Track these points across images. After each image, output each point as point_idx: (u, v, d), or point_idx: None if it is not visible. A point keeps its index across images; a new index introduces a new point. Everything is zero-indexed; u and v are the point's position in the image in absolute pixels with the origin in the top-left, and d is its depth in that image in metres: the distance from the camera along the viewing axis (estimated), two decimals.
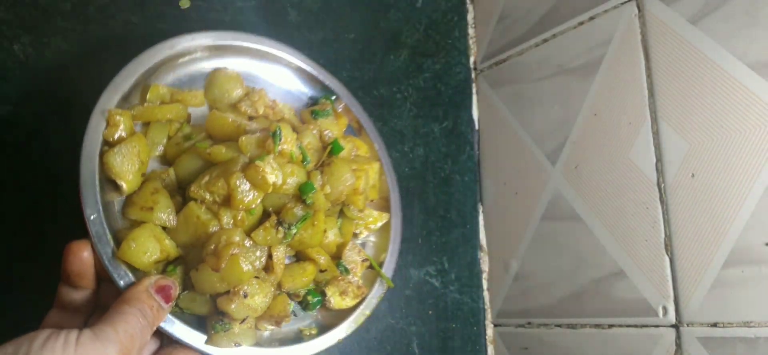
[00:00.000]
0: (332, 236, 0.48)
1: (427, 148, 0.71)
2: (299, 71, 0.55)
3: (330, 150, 0.49)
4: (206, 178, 0.41)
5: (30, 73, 0.49)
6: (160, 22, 0.55)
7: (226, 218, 0.42)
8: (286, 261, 0.45)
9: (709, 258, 0.50)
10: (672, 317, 0.52)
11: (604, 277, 0.58)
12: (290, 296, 0.47)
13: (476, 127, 0.76)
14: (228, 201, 0.41)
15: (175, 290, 0.39)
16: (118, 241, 0.40)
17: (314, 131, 0.50)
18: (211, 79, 0.49)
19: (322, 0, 0.66)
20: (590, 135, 0.61)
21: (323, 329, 0.48)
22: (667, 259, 0.53)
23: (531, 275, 0.66)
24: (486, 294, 0.72)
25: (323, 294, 0.48)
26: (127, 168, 0.41)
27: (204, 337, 0.41)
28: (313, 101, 0.55)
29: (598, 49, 0.61)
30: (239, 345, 0.42)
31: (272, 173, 0.41)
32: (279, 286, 0.45)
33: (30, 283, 0.46)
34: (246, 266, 0.40)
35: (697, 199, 0.51)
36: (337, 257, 0.50)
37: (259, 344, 0.44)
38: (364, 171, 0.49)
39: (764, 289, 0.46)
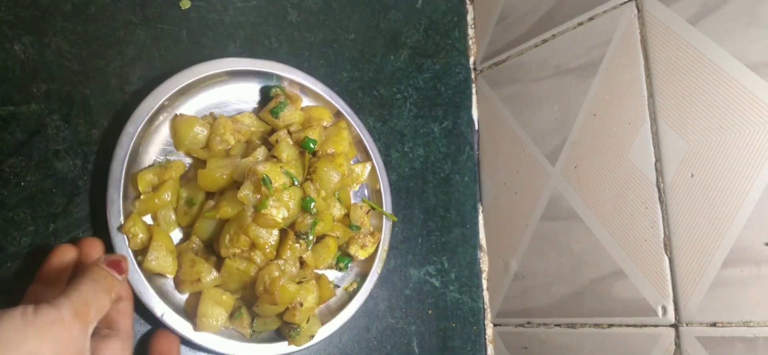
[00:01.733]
0: (337, 213, 0.56)
1: (427, 148, 0.71)
2: (235, 75, 0.56)
3: (308, 152, 0.54)
4: (227, 237, 0.48)
5: (30, 73, 0.49)
6: (161, 22, 0.55)
7: (258, 257, 0.49)
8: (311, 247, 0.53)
9: (709, 258, 0.50)
10: (671, 316, 0.52)
11: (603, 277, 0.58)
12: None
13: (476, 127, 0.76)
14: (253, 246, 0.49)
15: (126, 263, 0.42)
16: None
17: (285, 136, 0.54)
18: (174, 131, 0.52)
19: (322, 0, 0.66)
20: (590, 135, 0.61)
21: (362, 277, 0.58)
22: (666, 259, 0.53)
23: (531, 275, 0.66)
24: (486, 294, 0.72)
25: (349, 255, 0.58)
26: (164, 264, 0.48)
27: (284, 343, 0.52)
28: (265, 94, 0.57)
29: (598, 49, 0.61)
30: (313, 335, 0.52)
31: (278, 213, 0.48)
32: (314, 270, 0.54)
33: (29, 282, 0.46)
34: (292, 287, 0.49)
35: (696, 199, 0.51)
36: (346, 220, 0.58)
37: (323, 321, 0.54)
38: (343, 153, 0.56)
39: (763, 289, 0.47)
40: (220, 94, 0.55)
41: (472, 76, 0.78)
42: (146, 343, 0.48)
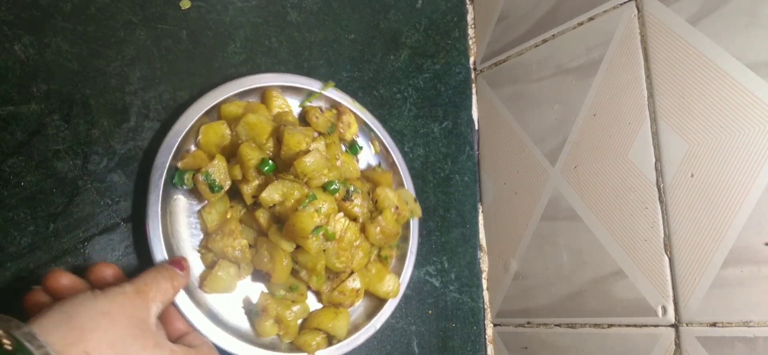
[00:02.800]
0: (321, 147, 0.55)
1: (427, 148, 0.71)
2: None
3: (283, 169, 0.52)
4: (338, 264, 0.52)
5: (30, 73, 0.49)
6: (161, 22, 0.55)
7: (359, 242, 0.54)
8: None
9: (708, 258, 0.50)
10: (671, 316, 0.52)
11: (603, 277, 0.58)
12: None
13: (476, 127, 0.76)
14: (353, 245, 0.53)
15: (186, 262, 0.47)
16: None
17: (250, 190, 0.52)
18: (213, 286, 0.51)
19: (322, 0, 0.66)
20: (590, 135, 0.61)
21: (373, 136, 0.63)
22: (666, 259, 0.53)
23: (530, 275, 0.66)
24: (486, 294, 0.72)
25: (350, 142, 0.61)
26: (342, 324, 0.55)
27: (412, 221, 0.60)
28: (177, 183, 0.52)
29: (598, 49, 0.61)
30: (414, 196, 0.61)
31: (342, 224, 0.52)
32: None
33: (28, 280, 0.46)
34: (387, 217, 0.56)
35: (696, 199, 0.51)
36: (325, 133, 0.58)
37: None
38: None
39: (763, 289, 0.47)
40: (179, 230, 0.53)
41: (472, 76, 0.78)
42: None
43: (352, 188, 0.53)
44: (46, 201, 0.47)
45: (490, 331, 0.71)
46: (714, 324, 0.49)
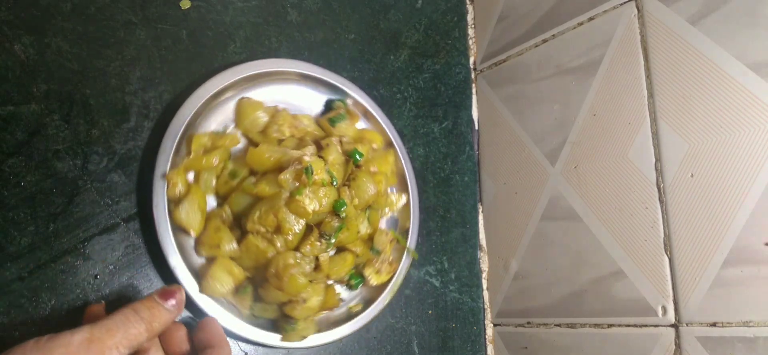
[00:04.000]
0: (363, 229, 0.56)
1: (427, 148, 0.71)
2: (307, 79, 0.60)
3: (353, 162, 0.56)
4: (257, 213, 0.50)
5: (30, 73, 0.49)
6: (161, 22, 0.55)
7: (279, 242, 0.50)
8: (330, 253, 0.55)
9: (709, 258, 0.50)
10: (671, 316, 0.52)
11: (603, 277, 0.58)
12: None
13: (476, 127, 0.76)
14: (278, 229, 0.50)
15: (181, 294, 0.42)
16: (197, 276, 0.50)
17: (336, 143, 0.56)
18: (238, 110, 0.55)
19: (322, 0, 0.66)
20: (590, 135, 0.61)
21: (367, 302, 0.58)
22: (666, 259, 0.53)
23: (530, 275, 0.66)
24: (486, 294, 0.72)
25: (362, 276, 0.58)
26: (192, 220, 0.50)
27: (278, 335, 0.52)
28: (328, 105, 0.61)
29: (598, 49, 0.61)
30: (305, 337, 0.53)
31: (310, 204, 0.49)
32: (326, 277, 0.54)
33: (28, 280, 0.46)
34: (302, 280, 0.50)
35: (696, 199, 0.51)
36: (369, 241, 0.58)
37: (319, 329, 0.54)
38: (384, 174, 0.57)
39: (763, 289, 0.47)
40: (288, 92, 0.59)
41: (472, 76, 0.78)
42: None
43: (331, 241, 0.52)
44: (46, 201, 0.47)
45: (490, 331, 0.71)
46: (714, 324, 0.49)
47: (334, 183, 0.52)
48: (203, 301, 0.49)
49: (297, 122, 0.56)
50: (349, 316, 0.57)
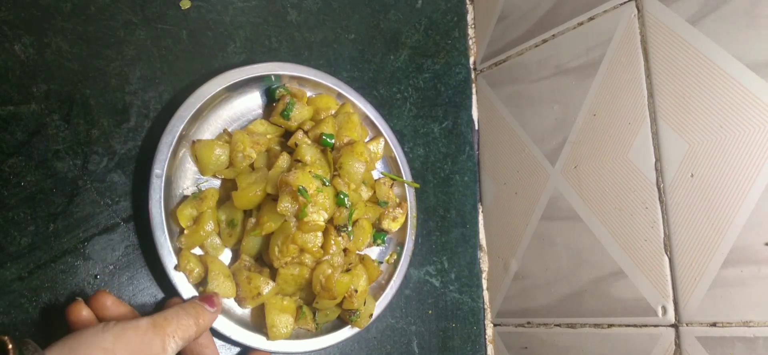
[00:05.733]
0: (365, 195, 0.59)
1: (427, 148, 0.71)
2: (236, 88, 0.56)
3: (329, 150, 0.55)
4: (276, 249, 0.51)
5: (30, 73, 0.49)
6: (161, 22, 0.55)
7: (308, 259, 0.52)
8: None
9: (709, 258, 0.50)
10: (671, 316, 0.52)
11: (603, 277, 0.58)
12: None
13: (476, 127, 0.76)
14: (302, 250, 0.51)
15: (218, 299, 0.47)
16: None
17: (302, 137, 0.55)
18: (197, 158, 0.54)
19: (322, 0, 0.66)
20: (590, 135, 0.61)
21: (399, 246, 0.62)
22: (666, 259, 0.53)
23: (530, 275, 0.66)
24: (486, 294, 0.72)
25: (383, 230, 0.61)
26: (225, 289, 0.50)
27: (347, 327, 0.56)
28: (269, 95, 0.58)
29: (598, 49, 0.61)
30: (371, 314, 0.57)
31: (319, 217, 0.50)
32: (357, 255, 0.57)
33: (28, 280, 0.46)
34: (345, 279, 0.53)
35: (696, 199, 0.51)
36: (374, 197, 0.61)
37: (375, 297, 0.59)
38: (359, 139, 0.58)
39: (763, 289, 0.47)
40: (228, 110, 0.56)
41: (472, 76, 0.78)
42: None
43: (349, 230, 0.53)
44: (46, 201, 0.47)
45: (490, 331, 0.71)
46: (714, 324, 0.49)
47: (326, 183, 0.52)
48: (277, 345, 0.52)
49: (254, 136, 0.55)
50: (394, 266, 0.61)
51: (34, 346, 0.34)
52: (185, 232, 0.51)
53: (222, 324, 0.50)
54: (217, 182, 0.55)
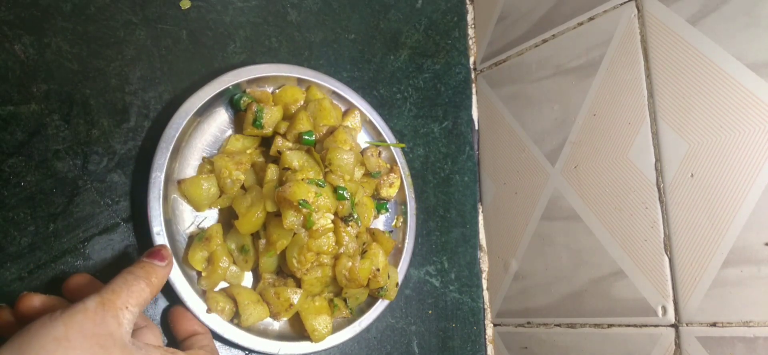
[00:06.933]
0: (359, 174, 0.60)
1: (427, 148, 0.71)
2: (200, 113, 0.54)
3: (310, 145, 0.55)
4: (294, 261, 0.52)
5: (30, 73, 0.49)
6: (161, 22, 0.55)
7: (326, 258, 0.53)
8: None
9: (709, 258, 0.50)
10: (671, 316, 0.52)
11: (603, 277, 0.58)
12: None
13: (476, 127, 0.76)
14: (319, 255, 0.52)
15: (166, 250, 0.44)
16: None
17: (281, 143, 0.54)
18: (186, 197, 0.53)
19: (322, 0, 0.66)
20: (590, 135, 0.61)
21: (403, 206, 0.64)
22: (666, 259, 0.53)
23: (530, 275, 0.66)
24: (486, 294, 0.72)
25: (382, 198, 0.63)
26: (259, 314, 0.52)
27: (347, 329, 0.57)
28: (234, 104, 0.56)
29: (598, 49, 0.61)
30: (398, 283, 0.60)
31: (326, 222, 0.51)
32: (367, 232, 0.59)
33: (28, 280, 0.46)
34: (366, 264, 0.54)
35: (696, 199, 0.51)
36: (368, 173, 0.61)
37: (396, 264, 0.61)
38: (337, 123, 0.58)
39: (763, 289, 0.47)
40: (201, 137, 0.55)
41: (472, 76, 0.78)
42: None
43: (355, 216, 0.53)
44: (46, 201, 0.47)
45: (490, 331, 0.71)
46: (714, 324, 0.49)
47: (322, 184, 0.52)
48: (322, 345, 0.54)
49: (235, 157, 0.54)
50: (404, 228, 0.63)
51: None
52: (203, 274, 0.51)
53: (268, 345, 0.51)
54: (215, 212, 0.54)
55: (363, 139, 0.63)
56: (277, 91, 0.58)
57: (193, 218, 0.53)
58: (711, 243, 0.50)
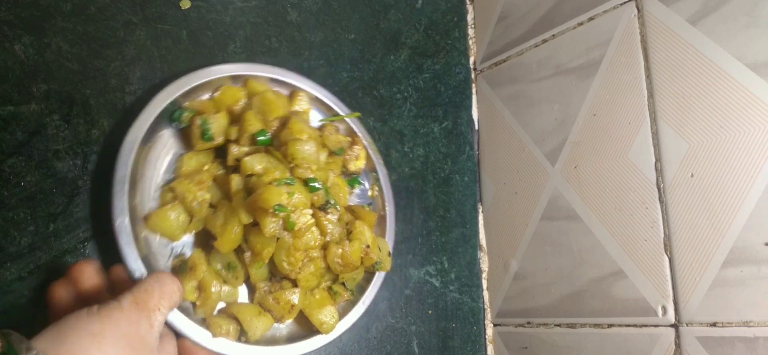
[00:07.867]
0: (323, 158, 0.57)
1: (427, 148, 0.71)
2: (145, 140, 0.51)
3: (267, 144, 0.53)
4: (284, 264, 0.51)
5: (30, 73, 0.49)
6: (161, 22, 0.55)
7: (315, 252, 0.52)
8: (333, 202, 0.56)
9: (709, 258, 0.50)
10: (671, 316, 0.52)
11: (603, 277, 0.58)
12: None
13: (476, 127, 0.76)
14: (308, 251, 0.52)
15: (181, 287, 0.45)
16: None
17: (237, 151, 0.52)
18: (157, 231, 0.50)
19: (322, 0, 0.66)
20: (590, 135, 0.61)
21: (374, 173, 0.63)
22: (666, 259, 0.53)
23: (530, 275, 0.66)
24: (486, 294, 0.72)
25: (352, 174, 0.62)
26: (264, 324, 0.51)
27: (378, 274, 0.58)
28: (173, 118, 0.53)
29: (598, 49, 0.61)
30: (390, 252, 0.59)
31: (306, 219, 0.50)
32: (347, 210, 0.58)
33: (28, 280, 0.46)
34: (355, 245, 0.54)
35: (696, 199, 0.51)
36: (332, 153, 0.59)
37: (381, 234, 0.61)
38: (287, 112, 0.56)
39: (763, 289, 0.47)
40: (153, 165, 0.52)
41: (472, 76, 0.78)
42: None
43: (332, 202, 0.52)
44: (46, 201, 0.47)
45: (490, 331, 0.71)
46: (714, 324, 0.49)
47: (291, 182, 0.50)
48: (332, 335, 0.54)
49: (195, 177, 0.51)
50: (382, 196, 0.62)
51: (19, 337, 0.33)
52: (198, 304, 0.50)
53: (283, 350, 0.51)
54: (191, 237, 0.52)
55: (316, 118, 0.61)
56: (215, 95, 0.55)
57: (170, 250, 0.51)
58: (711, 243, 0.50)
